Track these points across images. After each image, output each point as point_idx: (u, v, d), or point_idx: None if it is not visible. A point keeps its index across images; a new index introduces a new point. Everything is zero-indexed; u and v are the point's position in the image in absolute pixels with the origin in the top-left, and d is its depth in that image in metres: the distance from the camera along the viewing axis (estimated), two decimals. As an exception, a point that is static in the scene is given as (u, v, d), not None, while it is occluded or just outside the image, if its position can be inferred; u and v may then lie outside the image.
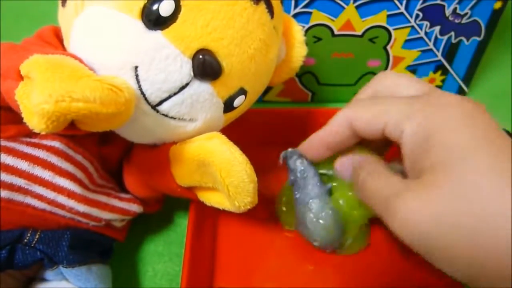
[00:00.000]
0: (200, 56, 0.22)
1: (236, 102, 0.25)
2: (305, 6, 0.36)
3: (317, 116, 0.35)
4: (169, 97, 0.23)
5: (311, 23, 0.37)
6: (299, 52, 0.30)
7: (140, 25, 0.21)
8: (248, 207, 0.24)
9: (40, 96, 0.17)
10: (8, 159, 0.23)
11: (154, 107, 0.23)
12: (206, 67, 0.22)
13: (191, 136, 0.25)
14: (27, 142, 0.24)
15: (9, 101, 0.21)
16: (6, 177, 0.23)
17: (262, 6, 0.24)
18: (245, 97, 0.25)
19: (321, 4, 0.36)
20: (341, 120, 0.25)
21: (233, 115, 0.27)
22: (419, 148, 0.21)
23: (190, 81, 0.22)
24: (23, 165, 0.24)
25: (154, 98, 0.22)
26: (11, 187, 0.23)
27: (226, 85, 0.24)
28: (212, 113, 0.25)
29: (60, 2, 0.25)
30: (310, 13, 0.36)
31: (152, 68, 0.21)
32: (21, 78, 0.20)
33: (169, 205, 0.35)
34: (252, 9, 0.23)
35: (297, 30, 0.30)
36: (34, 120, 0.18)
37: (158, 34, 0.21)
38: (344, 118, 0.25)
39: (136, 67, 0.21)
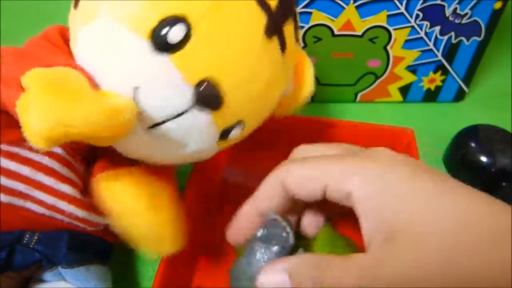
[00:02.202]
0: (203, 86, 0.21)
1: (232, 134, 0.24)
2: (305, 6, 0.36)
3: (317, 124, 0.35)
4: (165, 121, 0.22)
5: (311, 23, 0.37)
6: (307, 89, 0.29)
7: (147, 46, 0.20)
8: None
9: (39, 121, 0.17)
10: (10, 165, 0.23)
11: (149, 128, 0.22)
12: (207, 97, 0.21)
13: (183, 159, 0.25)
14: (30, 147, 0.24)
15: (10, 108, 0.21)
16: (7, 182, 0.23)
17: (275, 40, 0.23)
18: (242, 128, 0.25)
19: (321, 4, 0.36)
20: (273, 182, 0.22)
21: (226, 144, 0.26)
22: (376, 213, 0.19)
23: (189, 109, 0.22)
24: (25, 170, 0.24)
25: (149, 121, 0.22)
26: (11, 192, 0.23)
27: (225, 117, 0.23)
28: (206, 142, 0.24)
29: (72, 3, 0.24)
30: (310, 13, 0.36)
31: (152, 91, 0.21)
32: (22, 89, 0.20)
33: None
34: (264, 44, 0.22)
35: (309, 66, 0.28)
36: (34, 138, 0.18)
37: (165, 58, 0.20)
38: (276, 179, 0.22)
39: (136, 88, 0.21)
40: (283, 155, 0.31)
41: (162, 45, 0.20)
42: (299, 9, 0.36)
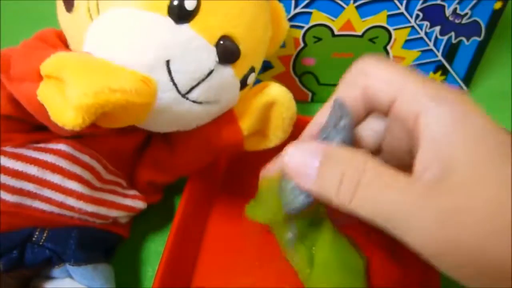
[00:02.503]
0: (222, 43, 0.24)
1: (249, 80, 0.27)
2: (305, 6, 0.36)
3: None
4: (198, 84, 0.24)
5: (311, 23, 0.37)
6: (284, 27, 0.32)
7: (169, 21, 0.22)
8: (284, 140, 0.30)
9: (79, 89, 0.18)
10: (17, 165, 0.23)
11: (184, 95, 0.24)
12: (228, 52, 0.24)
13: (211, 118, 0.27)
14: (35, 147, 0.25)
15: (27, 103, 0.22)
16: (16, 183, 0.23)
17: None
18: (255, 73, 0.28)
19: (321, 4, 0.36)
20: (352, 81, 0.21)
21: (244, 92, 0.28)
22: (440, 144, 0.18)
23: (215, 66, 0.24)
24: (32, 170, 0.24)
25: (185, 87, 0.23)
26: (20, 192, 0.23)
27: (243, 66, 0.26)
28: (232, 93, 0.27)
29: (62, 7, 0.25)
30: (310, 13, 0.36)
31: (183, 60, 0.23)
32: (41, 79, 0.21)
33: (169, 204, 0.35)
34: None
35: (280, 8, 0.32)
36: (68, 116, 0.19)
37: (186, 27, 0.23)
38: (355, 76, 0.21)
39: (168, 61, 0.22)
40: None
41: (180, 15, 0.22)
42: (299, 9, 0.36)
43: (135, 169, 0.30)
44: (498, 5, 0.36)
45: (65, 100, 0.19)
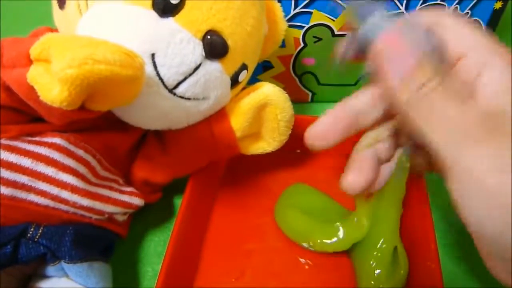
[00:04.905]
0: (209, 37, 0.24)
1: (240, 77, 0.27)
2: (305, 6, 0.36)
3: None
4: (185, 79, 0.24)
5: (311, 23, 0.37)
6: (281, 26, 0.32)
7: (153, 14, 0.23)
8: (283, 142, 0.30)
9: (63, 61, 0.18)
10: (11, 157, 0.24)
11: (171, 90, 0.24)
12: (215, 46, 0.24)
13: (203, 115, 0.27)
14: (29, 140, 0.25)
15: (18, 88, 0.22)
16: (10, 175, 0.23)
17: None
18: (247, 71, 0.28)
19: (321, 4, 0.36)
20: (430, 23, 0.22)
21: (237, 90, 0.29)
22: (503, 94, 0.20)
23: (202, 61, 0.24)
24: (26, 162, 0.24)
25: (171, 81, 0.24)
26: (14, 184, 0.23)
27: (232, 62, 0.26)
28: (222, 90, 0.26)
29: (56, 5, 0.25)
30: (310, 13, 0.36)
31: (168, 53, 0.23)
32: (31, 63, 0.21)
33: (169, 204, 0.35)
34: None
35: (277, 7, 0.32)
36: (55, 91, 0.19)
37: (170, 21, 0.23)
38: (436, 23, 0.22)
39: (153, 55, 0.23)
40: (283, 154, 0.31)
41: (165, 9, 0.23)
42: (299, 9, 0.36)
43: (130, 167, 0.30)
44: (498, 5, 0.36)
45: (52, 78, 0.19)
